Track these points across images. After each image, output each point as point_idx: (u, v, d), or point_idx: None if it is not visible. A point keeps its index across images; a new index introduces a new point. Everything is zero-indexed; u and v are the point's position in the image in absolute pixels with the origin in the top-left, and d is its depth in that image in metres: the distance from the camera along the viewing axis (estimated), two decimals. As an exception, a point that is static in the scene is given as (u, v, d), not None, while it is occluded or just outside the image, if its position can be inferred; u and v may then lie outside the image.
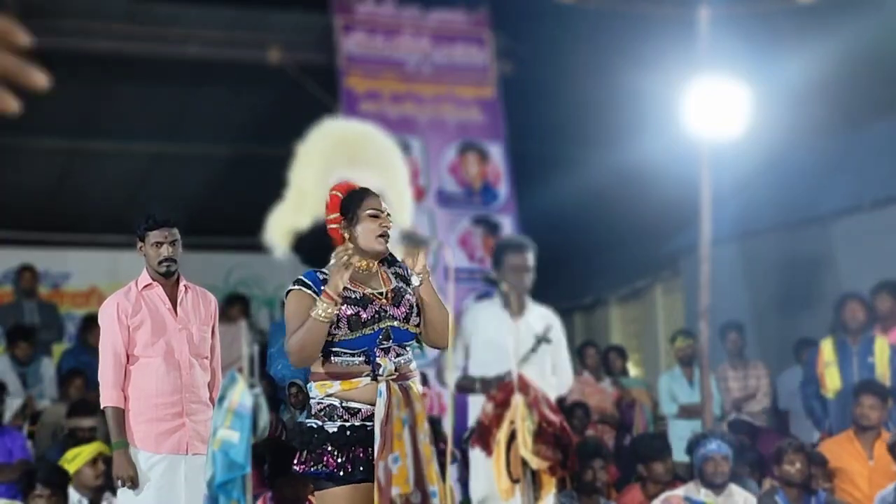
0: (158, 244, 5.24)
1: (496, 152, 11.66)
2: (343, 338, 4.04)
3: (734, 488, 6.93)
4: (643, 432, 9.49)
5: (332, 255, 4.01)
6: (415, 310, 4.16)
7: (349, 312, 4.03)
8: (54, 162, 12.89)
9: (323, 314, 3.96)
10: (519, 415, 5.79)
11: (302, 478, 6.59)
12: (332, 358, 4.06)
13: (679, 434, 8.78)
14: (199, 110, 12.37)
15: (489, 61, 11.79)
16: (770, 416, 9.67)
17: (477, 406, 6.17)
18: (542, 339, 6.28)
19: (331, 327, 4.01)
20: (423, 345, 4.29)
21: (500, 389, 5.93)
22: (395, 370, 4.07)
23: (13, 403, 8.68)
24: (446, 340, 4.26)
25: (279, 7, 11.61)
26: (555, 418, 5.92)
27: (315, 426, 4.06)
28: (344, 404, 4.04)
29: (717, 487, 6.84)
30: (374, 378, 4.04)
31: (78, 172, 12.99)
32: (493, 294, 6.69)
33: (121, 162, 13.08)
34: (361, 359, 4.05)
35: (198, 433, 5.25)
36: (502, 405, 5.87)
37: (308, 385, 4.14)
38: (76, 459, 6.72)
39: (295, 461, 4.07)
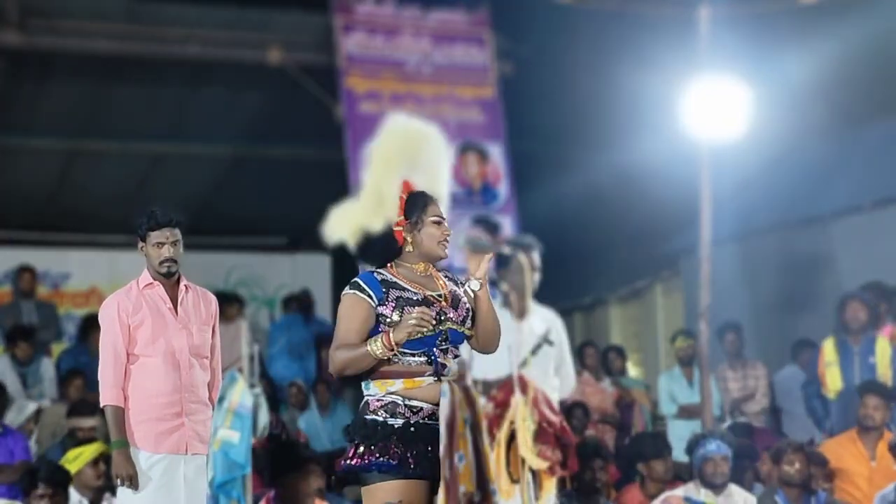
0: (160, 244, 5.24)
1: (496, 152, 11.67)
2: None
3: (734, 488, 6.93)
4: (643, 431, 9.50)
5: (417, 311, 4.03)
6: (470, 313, 4.25)
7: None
8: (54, 162, 12.89)
9: (377, 355, 4.06)
10: (519, 415, 5.79)
11: (305, 477, 6.62)
12: (393, 357, 4.11)
13: (678, 434, 8.78)
14: (200, 110, 12.37)
15: (489, 61, 11.80)
16: (769, 416, 9.68)
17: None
18: (543, 341, 6.28)
19: (391, 326, 4.09)
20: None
21: (500, 389, 5.93)
22: (458, 368, 4.19)
23: (27, 407, 8.67)
24: (496, 345, 4.36)
25: (279, 7, 11.62)
26: (555, 418, 5.92)
27: (379, 420, 4.11)
28: (406, 402, 4.11)
29: (716, 488, 6.84)
30: (439, 378, 4.11)
31: (78, 172, 13.00)
32: (494, 294, 6.68)
33: (121, 162, 13.08)
34: (423, 359, 4.12)
35: (197, 433, 5.25)
36: (502, 405, 5.87)
37: (364, 383, 4.19)
38: (77, 460, 6.73)
39: (350, 455, 4.12)
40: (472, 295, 4.25)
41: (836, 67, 10.11)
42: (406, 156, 4.31)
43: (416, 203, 4.23)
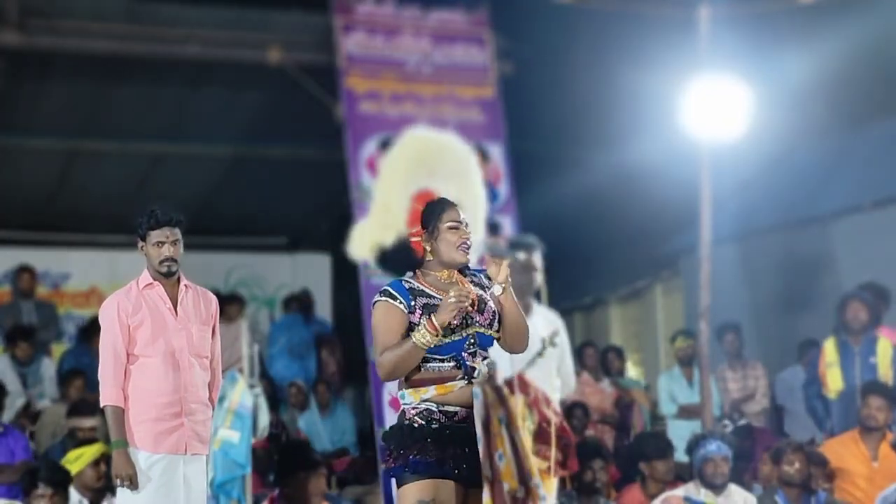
0: (160, 244, 5.24)
1: (496, 152, 11.64)
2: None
3: (734, 488, 6.93)
4: (645, 431, 9.50)
5: (453, 291, 4.11)
6: (496, 316, 4.30)
7: None
8: (54, 162, 12.88)
9: (424, 342, 4.10)
10: (519, 415, 5.79)
11: (316, 478, 6.64)
12: (424, 364, 4.19)
13: (679, 434, 8.78)
14: (200, 110, 12.36)
15: (489, 61, 11.78)
16: (769, 415, 9.68)
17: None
18: (549, 344, 6.27)
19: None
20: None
21: (500, 390, 5.93)
22: (488, 370, 4.22)
23: (15, 403, 8.69)
24: (525, 345, 4.43)
25: (279, 7, 11.61)
26: (555, 418, 5.91)
27: (415, 425, 4.18)
28: (441, 408, 4.18)
29: (716, 488, 6.84)
30: (470, 381, 4.17)
31: (78, 172, 12.99)
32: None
33: (121, 162, 13.07)
34: (452, 364, 4.20)
35: (196, 433, 5.25)
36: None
37: (400, 393, 4.25)
38: (79, 461, 6.73)
39: (386, 460, 4.20)
40: (496, 298, 4.30)
41: (836, 67, 10.11)
42: (419, 167, 4.38)
43: (431, 212, 4.28)
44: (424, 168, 4.38)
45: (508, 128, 11.73)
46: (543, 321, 6.43)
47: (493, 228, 11.53)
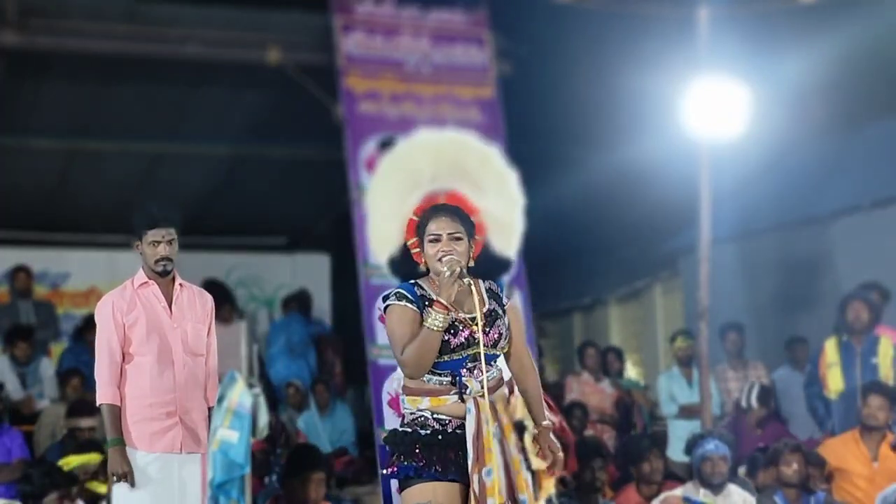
0: (155, 243, 5.25)
1: (496, 152, 11.63)
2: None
3: (733, 488, 6.93)
4: (634, 433, 9.52)
5: (444, 264, 4.12)
6: (505, 334, 4.30)
7: None
8: (54, 162, 12.88)
9: (438, 324, 4.10)
10: (518, 415, 5.79)
11: (313, 480, 6.65)
12: (424, 377, 4.21)
13: (678, 434, 8.79)
14: (199, 110, 12.35)
15: (489, 61, 11.78)
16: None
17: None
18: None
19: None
20: None
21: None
22: (482, 387, 4.21)
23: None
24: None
25: (279, 7, 11.60)
26: (554, 418, 5.92)
27: (409, 431, 4.23)
28: (434, 416, 4.22)
29: (715, 487, 6.85)
30: (461, 398, 4.19)
31: (78, 172, 12.98)
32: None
33: (121, 162, 13.06)
34: (448, 379, 4.21)
35: (192, 432, 5.25)
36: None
37: (401, 398, 4.30)
38: (79, 469, 6.73)
39: (386, 465, 4.26)
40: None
41: (835, 67, 10.10)
42: (451, 168, 4.33)
43: (420, 222, 4.27)
44: (456, 169, 4.36)
45: (508, 128, 11.72)
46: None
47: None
